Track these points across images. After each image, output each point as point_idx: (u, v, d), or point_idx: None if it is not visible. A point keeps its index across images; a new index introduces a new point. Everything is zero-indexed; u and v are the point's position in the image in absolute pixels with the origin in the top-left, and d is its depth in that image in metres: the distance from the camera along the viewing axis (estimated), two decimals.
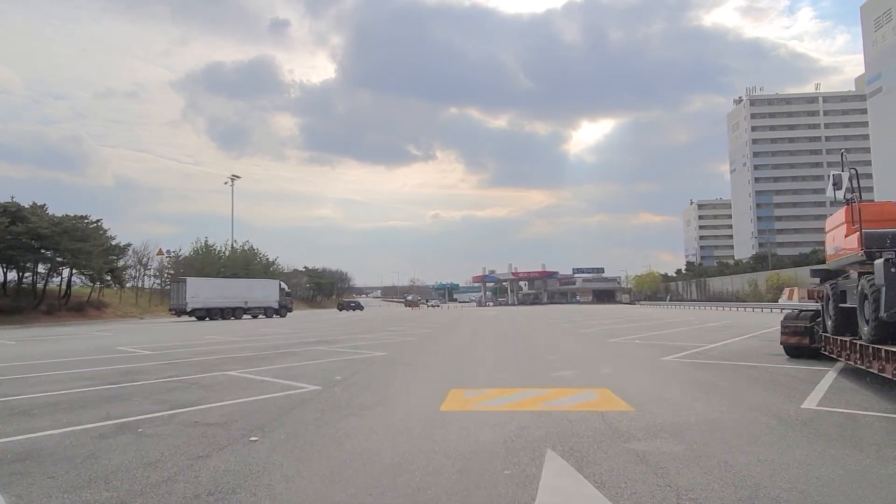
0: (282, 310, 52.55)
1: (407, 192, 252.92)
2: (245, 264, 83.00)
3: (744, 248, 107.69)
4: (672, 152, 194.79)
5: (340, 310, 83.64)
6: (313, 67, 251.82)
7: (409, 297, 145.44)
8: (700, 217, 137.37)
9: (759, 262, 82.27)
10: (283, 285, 54.83)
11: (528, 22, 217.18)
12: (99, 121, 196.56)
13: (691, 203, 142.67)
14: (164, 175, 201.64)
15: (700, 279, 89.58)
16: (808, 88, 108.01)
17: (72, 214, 46.98)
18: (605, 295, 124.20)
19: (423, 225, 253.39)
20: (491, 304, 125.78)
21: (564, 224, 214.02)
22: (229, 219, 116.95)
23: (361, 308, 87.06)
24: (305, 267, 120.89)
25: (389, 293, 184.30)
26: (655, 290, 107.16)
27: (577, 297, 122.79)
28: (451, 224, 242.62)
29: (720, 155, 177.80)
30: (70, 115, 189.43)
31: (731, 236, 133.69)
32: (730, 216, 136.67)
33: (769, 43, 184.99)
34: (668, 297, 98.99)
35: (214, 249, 78.28)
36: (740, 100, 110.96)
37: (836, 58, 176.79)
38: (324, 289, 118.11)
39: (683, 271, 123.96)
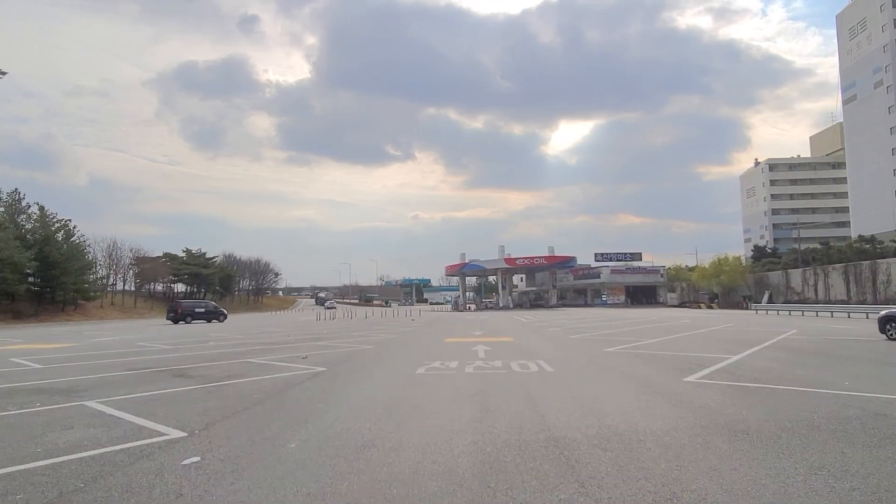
0: None
1: (388, 193, 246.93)
2: None
3: (876, 219, 67.22)
4: (652, 154, 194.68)
5: (175, 321, 42.64)
6: (290, 67, 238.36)
7: (321, 294, 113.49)
8: (772, 182, 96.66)
9: None
10: None
11: (504, 23, 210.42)
12: (72, 119, 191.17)
13: (756, 164, 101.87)
14: (141, 175, 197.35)
15: (858, 264, 48.64)
16: (783, 91, 74.56)
17: None
18: (644, 293, 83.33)
19: (406, 226, 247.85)
20: (472, 306, 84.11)
21: (548, 225, 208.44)
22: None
23: (220, 317, 46.06)
24: (186, 250, 78.70)
25: (347, 292, 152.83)
26: (733, 285, 66.37)
27: (604, 297, 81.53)
28: (432, 225, 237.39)
29: (701, 156, 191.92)
30: (42, 114, 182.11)
31: (816, 210, 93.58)
32: (811, 181, 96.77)
33: (743, 45, 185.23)
34: (767, 297, 58.49)
35: None
36: None
37: (808, 59, 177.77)
38: (207, 282, 75.47)
39: (746, 259, 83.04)
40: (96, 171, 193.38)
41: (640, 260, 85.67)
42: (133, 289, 69.57)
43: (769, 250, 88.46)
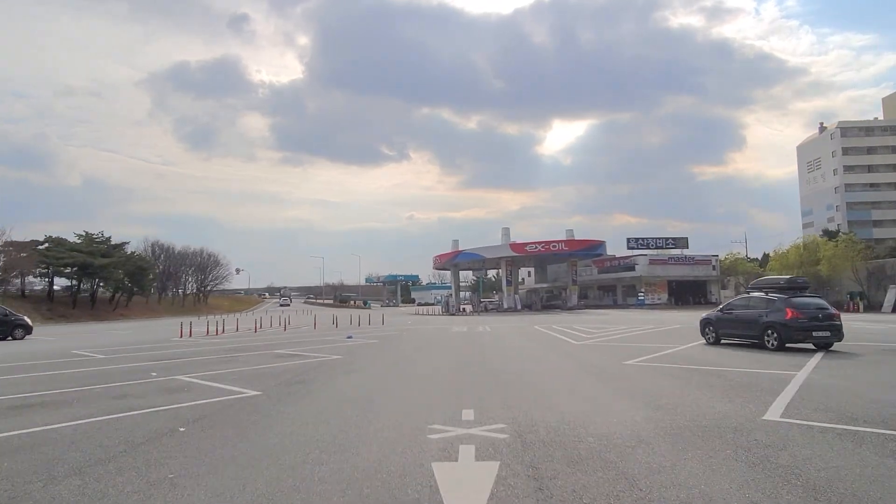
0: None
1: (383, 193, 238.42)
2: None
3: None
4: (647, 154, 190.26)
5: None
6: (283, 67, 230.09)
7: (280, 292, 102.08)
8: (845, 151, 77.18)
9: None
10: None
11: (497, 23, 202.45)
12: (64, 120, 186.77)
13: (822, 130, 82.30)
14: (134, 175, 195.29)
15: None
16: (776, 90, 67.18)
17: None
18: (690, 290, 63.90)
19: (401, 226, 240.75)
20: (468, 308, 64.43)
21: (543, 226, 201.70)
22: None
23: (17, 330, 26.14)
24: (84, 234, 59.10)
25: (320, 292, 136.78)
26: (833, 277, 46.98)
27: (642, 295, 61.81)
28: (428, 226, 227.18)
29: (696, 156, 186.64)
30: (34, 114, 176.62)
31: None
32: (893, 149, 77.48)
33: (736, 44, 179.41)
34: (895, 294, 39.27)
35: None
36: None
37: (801, 59, 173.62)
38: (107, 276, 55.34)
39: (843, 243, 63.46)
40: (90, 172, 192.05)
41: (687, 247, 66.16)
42: None
43: (843, 235, 69.29)
